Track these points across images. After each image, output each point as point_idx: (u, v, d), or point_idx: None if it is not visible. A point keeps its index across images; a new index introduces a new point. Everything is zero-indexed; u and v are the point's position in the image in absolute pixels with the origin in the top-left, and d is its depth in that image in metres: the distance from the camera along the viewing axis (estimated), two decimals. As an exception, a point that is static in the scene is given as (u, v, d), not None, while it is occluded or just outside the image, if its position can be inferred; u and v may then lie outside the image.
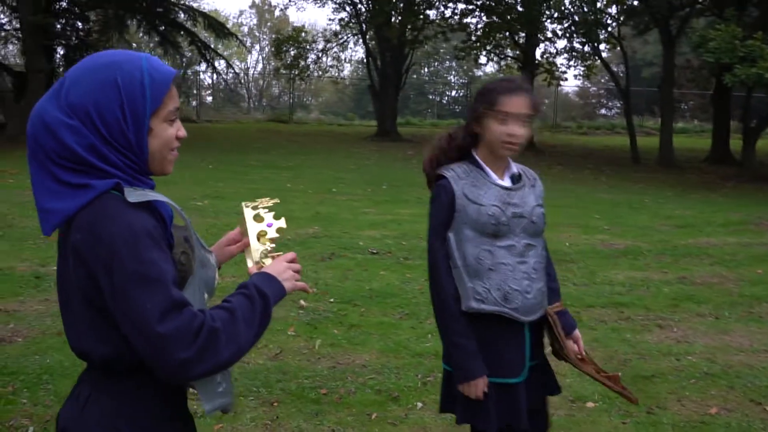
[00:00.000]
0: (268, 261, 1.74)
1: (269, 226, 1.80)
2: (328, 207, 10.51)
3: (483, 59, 27.18)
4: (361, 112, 41.92)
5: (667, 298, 6.37)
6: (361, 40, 26.76)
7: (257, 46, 55.38)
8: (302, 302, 5.88)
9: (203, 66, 38.35)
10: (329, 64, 30.81)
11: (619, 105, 45.79)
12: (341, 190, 12.38)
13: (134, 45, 32.68)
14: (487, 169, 2.49)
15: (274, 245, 1.78)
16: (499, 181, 2.49)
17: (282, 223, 1.82)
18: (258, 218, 1.81)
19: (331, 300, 6.00)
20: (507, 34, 23.89)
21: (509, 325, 2.47)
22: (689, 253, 8.22)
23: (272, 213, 1.82)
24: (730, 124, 20.77)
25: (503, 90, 2.43)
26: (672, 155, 19.23)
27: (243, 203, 1.86)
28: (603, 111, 48.73)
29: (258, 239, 1.79)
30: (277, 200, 1.85)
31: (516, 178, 2.54)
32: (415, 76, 42.56)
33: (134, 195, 1.47)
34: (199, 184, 12.26)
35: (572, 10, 22.15)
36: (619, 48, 22.62)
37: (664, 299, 6.35)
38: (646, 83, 37.77)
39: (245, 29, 54.50)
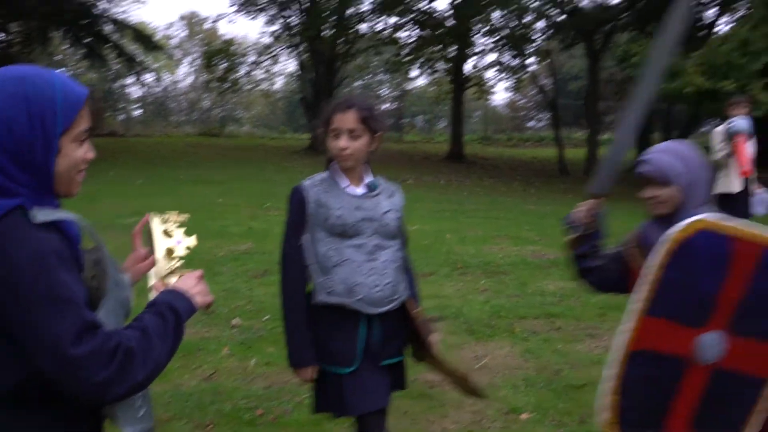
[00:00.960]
0: (173, 279, 1.70)
1: (178, 243, 1.74)
2: (260, 222, 10.41)
3: (414, 72, 27.54)
4: (293, 125, 41.76)
5: (596, 308, 6.53)
6: (293, 53, 26.70)
7: (187, 59, 54.63)
8: (236, 320, 5.81)
9: (130, 79, 37.62)
10: (261, 77, 30.66)
11: (547, 117, 46.90)
12: (274, 204, 12.27)
13: (59, 57, 31.79)
14: (341, 178, 2.77)
15: (181, 263, 1.73)
16: (351, 189, 2.76)
17: (192, 241, 1.76)
18: (167, 234, 1.75)
19: (266, 317, 5.94)
20: (439, 47, 24.22)
21: (348, 318, 2.70)
22: (616, 263, 8.44)
23: (183, 229, 1.77)
24: (650, 137, 21.48)
25: (334, 108, 2.72)
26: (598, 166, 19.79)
27: (150, 214, 1.78)
28: (532, 123, 49.81)
29: (166, 256, 1.73)
30: (187, 215, 1.79)
31: (372, 187, 2.81)
32: (347, 90, 42.64)
33: (41, 215, 1.42)
34: (128, 200, 11.98)
35: (502, 24, 22.65)
36: (547, 61, 23.20)
37: (592, 308, 6.50)
38: (572, 96, 38.79)
39: (174, 41, 53.70)
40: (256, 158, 21.07)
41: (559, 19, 21.60)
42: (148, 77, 31.62)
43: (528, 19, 21.25)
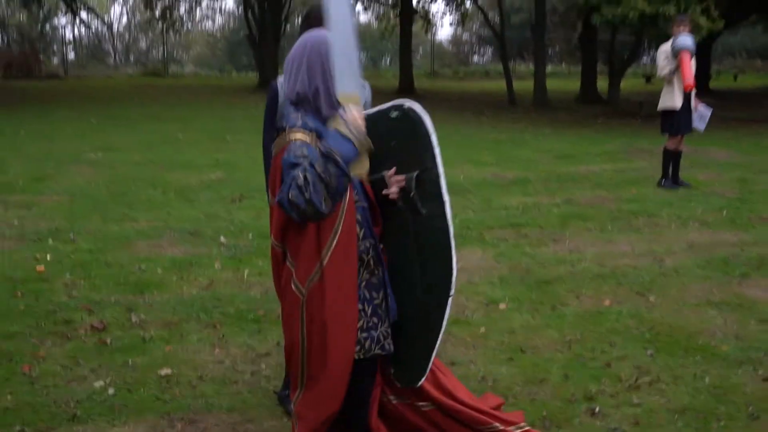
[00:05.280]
0: None
1: None
2: (225, 154, 10.54)
3: (359, 6, 27.38)
4: (235, 64, 41.04)
5: (557, 217, 7.00)
6: (235, -10, 26.21)
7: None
8: (222, 239, 6.08)
9: (62, 20, 36.38)
10: (201, 15, 30.01)
11: (490, 51, 47.04)
12: (235, 138, 12.37)
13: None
14: None
15: None
16: None
17: None
18: None
19: (250, 236, 6.22)
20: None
21: None
22: (572, 179, 8.94)
23: None
24: (596, 66, 21.98)
25: (316, 17, 2.75)
26: (546, 96, 20.22)
27: None
28: (475, 58, 49.93)
29: None
30: None
31: None
32: (291, 26, 41.95)
33: None
34: (85, 138, 11.94)
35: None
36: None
37: (554, 218, 6.97)
38: (515, 29, 39.02)
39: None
40: (206, 97, 20.88)
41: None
42: (84, 16, 30.69)
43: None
